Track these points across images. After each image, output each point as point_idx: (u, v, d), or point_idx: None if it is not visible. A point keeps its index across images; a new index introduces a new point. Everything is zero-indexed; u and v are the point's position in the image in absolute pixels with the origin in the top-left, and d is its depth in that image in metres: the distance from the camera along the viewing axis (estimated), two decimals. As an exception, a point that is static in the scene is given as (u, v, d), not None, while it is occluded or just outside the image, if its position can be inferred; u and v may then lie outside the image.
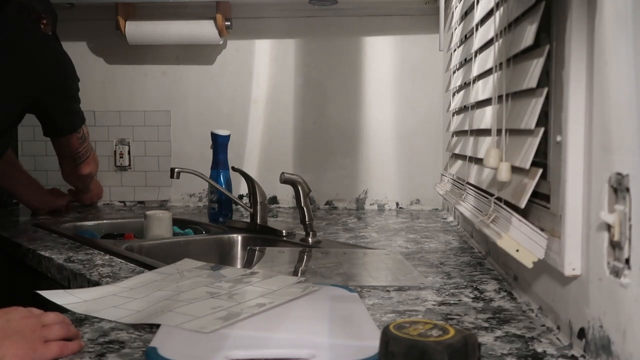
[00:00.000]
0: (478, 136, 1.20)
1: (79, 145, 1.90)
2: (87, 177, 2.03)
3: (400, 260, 1.26)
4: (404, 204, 2.20)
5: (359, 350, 0.70)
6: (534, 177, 0.81)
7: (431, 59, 2.13)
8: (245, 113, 2.24)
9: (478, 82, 1.23)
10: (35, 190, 2.05)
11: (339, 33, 2.20)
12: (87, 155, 1.94)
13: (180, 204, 2.29)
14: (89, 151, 1.95)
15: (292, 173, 1.50)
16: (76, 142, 1.88)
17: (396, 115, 2.19)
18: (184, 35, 2.13)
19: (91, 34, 2.27)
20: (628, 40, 0.59)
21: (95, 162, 2.04)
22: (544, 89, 0.81)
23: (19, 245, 1.51)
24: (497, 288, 1.04)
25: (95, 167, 2.04)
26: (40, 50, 1.70)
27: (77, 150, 1.90)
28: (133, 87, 2.29)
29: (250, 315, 0.84)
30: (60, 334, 0.73)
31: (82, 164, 1.95)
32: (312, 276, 1.11)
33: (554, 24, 0.83)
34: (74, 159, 1.92)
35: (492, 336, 0.79)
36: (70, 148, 1.89)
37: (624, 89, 0.60)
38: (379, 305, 0.93)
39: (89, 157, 1.96)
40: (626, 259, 0.59)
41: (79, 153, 1.91)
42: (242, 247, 1.61)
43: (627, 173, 0.59)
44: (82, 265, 1.24)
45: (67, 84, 1.77)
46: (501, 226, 0.86)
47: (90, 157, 1.97)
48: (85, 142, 1.92)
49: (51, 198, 2.08)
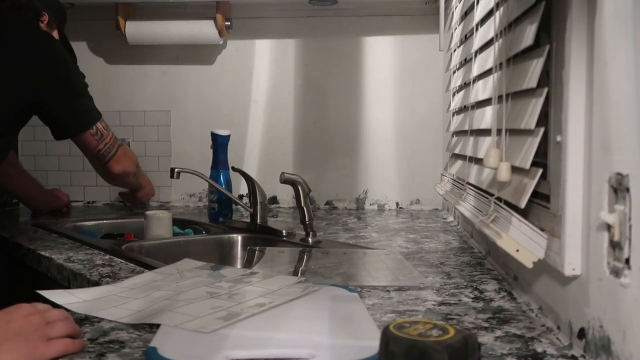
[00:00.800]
0: (478, 136, 1.20)
1: (98, 143, 1.79)
2: (123, 175, 1.89)
3: (400, 260, 1.26)
4: (404, 204, 2.20)
5: (359, 350, 0.70)
6: (534, 177, 0.81)
7: (431, 59, 2.13)
8: (245, 113, 2.25)
9: (478, 82, 1.23)
10: (35, 191, 2.04)
11: (339, 33, 2.20)
12: (112, 153, 1.82)
13: (180, 204, 2.29)
14: (114, 148, 1.83)
15: (292, 173, 1.50)
16: (93, 141, 1.78)
17: (396, 115, 2.19)
18: (184, 35, 2.13)
19: (91, 34, 2.27)
20: (628, 40, 0.59)
21: (128, 158, 1.90)
22: (544, 89, 0.81)
23: (19, 245, 1.51)
24: (497, 288, 1.04)
25: (129, 163, 1.90)
26: (35, 49, 1.65)
27: (97, 148, 1.80)
28: (133, 87, 2.29)
29: (250, 315, 0.84)
30: (64, 331, 0.72)
31: (111, 162, 1.83)
32: (312, 276, 1.11)
33: (554, 24, 0.83)
34: (98, 158, 1.82)
35: (492, 336, 0.79)
36: (88, 147, 1.80)
37: (624, 89, 0.60)
38: (379, 305, 0.93)
39: (116, 154, 1.83)
40: (626, 259, 0.59)
41: (100, 152, 1.80)
42: (242, 247, 1.61)
43: (627, 173, 0.59)
44: (82, 265, 1.24)
45: (68, 81, 1.72)
46: (501, 226, 0.86)
47: (119, 153, 1.84)
48: (106, 139, 1.80)
49: (51, 198, 2.08)
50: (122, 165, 1.86)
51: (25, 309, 0.73)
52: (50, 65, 1.67)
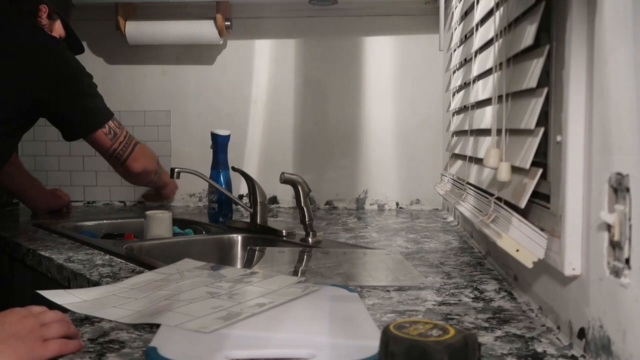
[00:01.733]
0: (478, 136, 1.20)
1: (112, 142, 1.74)
2: (144, 174, 1.85)
3: (400, 260, 1.26)
4: (404, 204, 2.20)
5: (359, 350, 0.70)
6: (534, 177, 0.81)
7: (431, 59, 2.13)
8: (245, 113, 2.25)
9: (478, 82, 1.23)
10: (36, 191, 2.04)
11: (339, 33, 2.20)
12: (129, 151, 1.78)
13: (180, 204, 2.29)
14: (130, 146, 1.79)
15: (292, 173, 1.50)
16: (106, 140, 1.74)
17: (396, 115, 2.19)
18: (184, 35, 2.13)
19: (91, 34, 2.27)
20: (628, 40, 0.59)
21: (147, 155, 1.85)
22: (544, 89, 0.81)
23: (19, 245, 1.51)
24: (497, 288, 1.04)
25: (148, 161, 1.85)
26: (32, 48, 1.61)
27: (112, 147, 1.75)
28: (133, 87, 2.29)
29: (251, 315, 0.84)
30: (60, 332, 0.73)
31: (128, 161, 1.78)
32: (312, 276, 1.11)
33: (554, 24, 0.83)
34: (115, 157, 1.77)
35: (492, 336, 0.79)
36: (103, 147, 1.75)
37: (624, 89, 0.60)
38: (379, 305, 0.93)
39: (133, 152, 1.79)
40: (626, 259, 0.59)
41: (116, 151, 1.76)
42: (242, 247, 1.61)
43: (627, 173, 0.59)
44: (82, 265, 1.24)
45: (71, 80, 1.67)
46: (501, 226, 0.86)
47: (136, 151, 1.80)
48: (120, 137, 1.76)
49: (51, 198, 2.08)
50: (141, 163, 1.81)
51: (19, 312, 0.73)
52: (51, 66, 1.63)
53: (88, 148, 2.33)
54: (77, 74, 1.70)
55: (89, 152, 2.29)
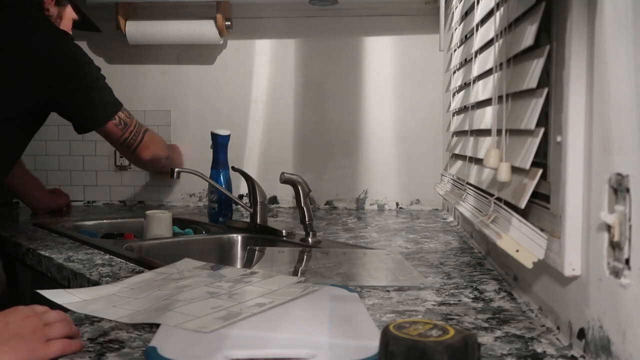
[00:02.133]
0: (478, 136, 1.20)
1: (123, 132, 1.77)
2: (154, 160, 1.89)
3: (400, 260, 1.26)
4: (404, 204, 2.20)
5: (359, 350, 0.70)
6: (534, 178, 0.81)
7: (431, 59, 2.13)
8: (245, 113, 2.25)
9: (478, 82, 1.23)
10: (36, 190, 2.04)
11: (339, 33, 2.20)
12: (139, 139, 1.81)
13: (180, 203, 2.29)
14: (140, 134, 1.82)
15: (292, 173, 1.50)
16: (117, 131, 1.76)
17: (396, 115, 2.19)
18: (184, 35, 2.13)
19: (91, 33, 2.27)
20: (628, 40, 0.59)
21: (156, 143, 1.89)
22: (544, 89, 0.81)
23: (19, 244, 1.51)
24: (497, 288, 1.04)
25: (158, 148, 1.89)
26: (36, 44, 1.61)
27: (123, 137, 1.78)
28: (133, 87, 2.29)
29: (250, 315, 0.84)
30: (63, 332, 0.73)
31: (139, 149, 1.82)
32: (312, 276, 1.11)
33: (554, 24, 0.83)
34: (126, 146, 1.80)
35: (492, 336, 0.79)
36: (114, 137, 1.78)
37: (624, 89, 0.60)
38: (379, 305, 0.93)
39: (143, 141, 1.82)
40: (626, 260, 0.59)
41: (127, 140, 1.79)
42: (242, 247, 1.61)
43: (627, 173, 0.59)
44: (82, 264, 1.24)
45: (79, 75, 1.67)
46: (501, 226, 0.86)
47: (146, 139, 1.83)
48: (130, 126, 1.78)
49: (52, 198, 2.08)
50: (150, 151, 1.85)
51: (23, 311, 0.73)
52: (53, 59, 1.63)
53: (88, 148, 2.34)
54: (85, 69, 1.70)
55: (89, 152, 2.30)
